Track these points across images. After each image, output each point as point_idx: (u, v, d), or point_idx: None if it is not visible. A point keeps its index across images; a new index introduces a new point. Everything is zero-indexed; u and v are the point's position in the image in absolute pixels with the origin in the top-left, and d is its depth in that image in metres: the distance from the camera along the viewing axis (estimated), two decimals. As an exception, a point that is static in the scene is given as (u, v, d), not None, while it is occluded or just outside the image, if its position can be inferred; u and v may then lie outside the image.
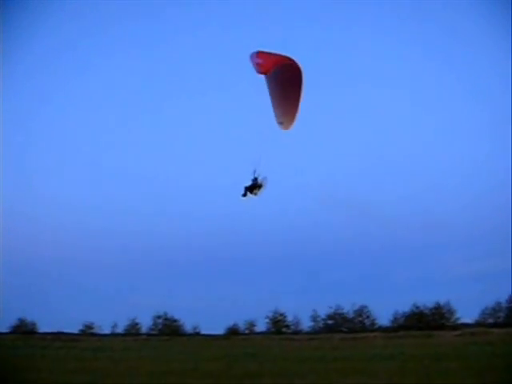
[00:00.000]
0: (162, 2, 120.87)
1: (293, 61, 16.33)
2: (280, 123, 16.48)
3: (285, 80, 16.13)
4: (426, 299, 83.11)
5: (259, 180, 15.63)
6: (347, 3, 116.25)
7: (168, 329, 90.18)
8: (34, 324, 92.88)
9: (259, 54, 16.26)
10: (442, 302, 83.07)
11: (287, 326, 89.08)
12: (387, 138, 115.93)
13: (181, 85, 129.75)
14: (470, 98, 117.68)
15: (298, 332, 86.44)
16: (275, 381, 23.79)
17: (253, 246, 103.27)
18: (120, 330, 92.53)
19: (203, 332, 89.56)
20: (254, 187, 15.76)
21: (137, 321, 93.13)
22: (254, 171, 15.59)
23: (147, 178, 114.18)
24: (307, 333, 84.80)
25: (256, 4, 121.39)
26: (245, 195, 15.74)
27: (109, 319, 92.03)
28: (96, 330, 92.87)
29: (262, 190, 15.69)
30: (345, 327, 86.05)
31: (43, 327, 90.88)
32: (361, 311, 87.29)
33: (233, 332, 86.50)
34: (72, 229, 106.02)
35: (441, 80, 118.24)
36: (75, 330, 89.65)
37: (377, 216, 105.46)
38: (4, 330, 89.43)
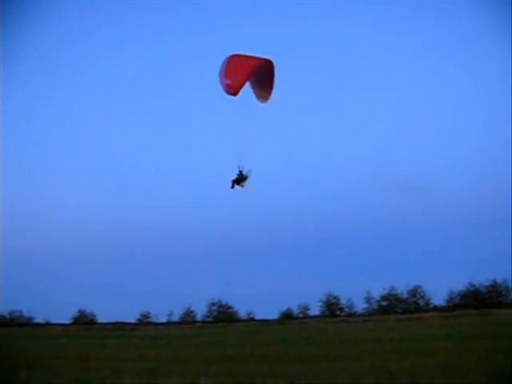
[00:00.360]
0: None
1: (267, 61, 16.80)
2: (258, 98, 17.34)
3: (259, 78, 16.88)
4: (482, 277, 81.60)
5: (244, 172, 16.35)
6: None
7: (223, 316, 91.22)
8: (93, 315, 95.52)
9: (227, 70, 16.36)
10: (499, 279, 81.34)
11: (341, 309, 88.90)
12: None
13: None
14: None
15: (352, 314, 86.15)
16: (332, 364, 23.75)
17: (303, 230, 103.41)
18: (176, 318, 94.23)
19: (257, 317, 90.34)
20: (240, 180, 16.51)
21: (192, 309, 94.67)
22: (239, 166, 16.37)
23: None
24: (361, 315, 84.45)
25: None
26: (232, 187, 16.55)
27: (165, 308, 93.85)
28: (153, 319, 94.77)
29: (247, 181, 16.43)
30: (399, 308, 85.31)
31: (102, 318, 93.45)
32: (415, 291, 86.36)
33: (287, 316, 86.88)
34: (121, 225, 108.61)
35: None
36: (133, 320, 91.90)
37: (429, 193, 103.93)
38: (66, 321, 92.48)
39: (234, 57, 16.73)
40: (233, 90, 16.15)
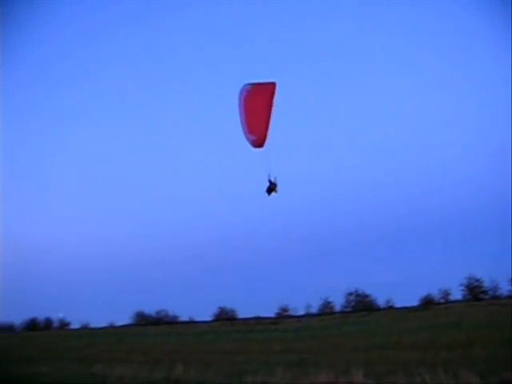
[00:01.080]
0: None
1: (274, 87, 17.32)
2: None
3: None
4: None
5: (273, 180, 17.38)
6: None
7: (361, 305, 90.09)
8: (233, 311, 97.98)
9: (249, 125, 17.11)
10: None
11: (484, 292, 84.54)
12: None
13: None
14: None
15: (497, 297, 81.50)
16: (490, 350, 22.31)
17: (437, 212, 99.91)
18: (314, 310, 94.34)
19: (397, 305, 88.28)
20: (273, 188, 17.54)
21: (329, 300, 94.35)
22: (269, 174, 17.37)
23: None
24: (509, 297, 79.64)
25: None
26: (269, 195, 17.58)
27: (302, 301, 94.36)
28: (291, 313, 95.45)
29: (277, 187, 17.54)
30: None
31: (242, 313, 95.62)
32: None
33: (428, 302, 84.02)
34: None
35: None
36: (271, 314, 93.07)
37: None
38: (208, 318, 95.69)
39: (249, 98, 17.33)
40: (259, 144, 17.11)
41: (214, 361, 25.32)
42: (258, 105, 17.05)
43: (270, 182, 17.34)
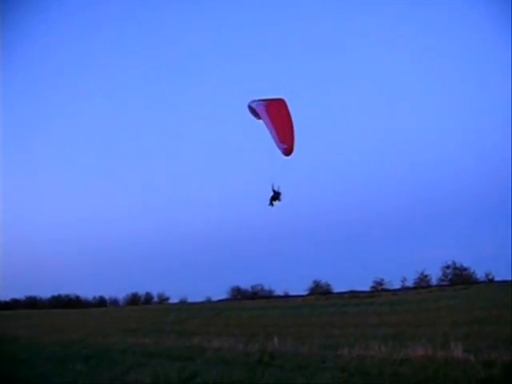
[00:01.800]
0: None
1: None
2: None
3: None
4: None
5: (276, 189, 17.57)
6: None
7: (458, 278, 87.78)
8: (328, 285, 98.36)
9: (279, 135, 17.47)
10: None
11: None
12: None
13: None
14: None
15: None
16: None
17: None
18: (409, 283, 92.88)
19: (497, 278, 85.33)
20: (276, 197, 17.64)
21: (425, 273, 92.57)
22: (273, 184, 17.59)
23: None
24: None
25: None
26: (272, 205, 17.70)
27: (397, 274, 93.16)
28: (386, 286, 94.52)
29: (281, 196, 17.71)
30: None
31: (337, 287, 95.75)
32: None
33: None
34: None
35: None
36: (365, 288, 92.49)
37: None
38: (302, 292, 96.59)
39: (271, 111, 17.87)
40: (289, 152, 17.52)
41: (310, 334, 25.45)
42: (281, 116, 17.87)
43: (273, 191, 17.65)
